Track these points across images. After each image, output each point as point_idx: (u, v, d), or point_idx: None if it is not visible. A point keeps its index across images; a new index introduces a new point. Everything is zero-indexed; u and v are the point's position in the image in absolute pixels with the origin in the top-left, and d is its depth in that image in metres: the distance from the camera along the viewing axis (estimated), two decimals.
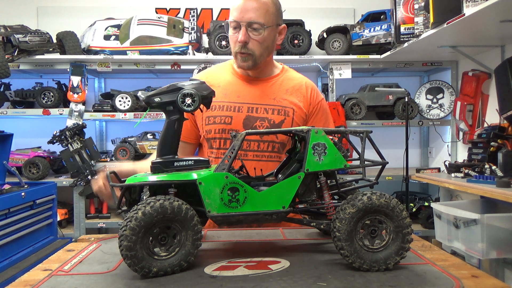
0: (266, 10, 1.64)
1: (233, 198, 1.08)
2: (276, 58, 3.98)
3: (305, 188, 1.16)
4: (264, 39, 1.67)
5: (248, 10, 1.62)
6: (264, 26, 1.65)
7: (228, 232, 1.48)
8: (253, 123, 1.70)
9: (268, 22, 1.66)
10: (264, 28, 1.65)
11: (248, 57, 1.69)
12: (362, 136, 1.16)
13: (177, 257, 1.04)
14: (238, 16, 1.64)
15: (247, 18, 1.63)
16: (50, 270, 1.10)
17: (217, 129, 1.72)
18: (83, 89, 3.87)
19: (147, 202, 1.01)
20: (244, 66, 1.73)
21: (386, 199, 1.05)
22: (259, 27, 1.64)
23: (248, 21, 1.63)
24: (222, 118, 1.72)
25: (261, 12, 1.63)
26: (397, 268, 1.06)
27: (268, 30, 1.67)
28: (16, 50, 3.57)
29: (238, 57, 1.71)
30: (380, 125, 4.03)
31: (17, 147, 3.89)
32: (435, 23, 2.83)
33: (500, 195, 2.38)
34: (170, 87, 1.15)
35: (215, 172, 1.08)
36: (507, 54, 3.20)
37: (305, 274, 1.02)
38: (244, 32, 1.64)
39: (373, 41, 3.92)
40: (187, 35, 3.92)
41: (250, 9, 1.62)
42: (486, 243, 2.40)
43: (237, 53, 1.71)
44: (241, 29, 1.64)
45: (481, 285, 0.98)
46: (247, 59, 1.70)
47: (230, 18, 1.68)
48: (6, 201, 2.50)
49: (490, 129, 3.02)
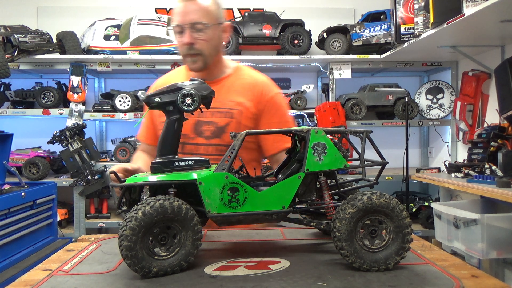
0: (206, 10, 1.67)
1: (233, 198, 1.08)
2: (276, 58, 4.03)
3: (305, 188, 1.16)
4: (209, 38, 1.69)
5: (189, 12, 1.65)
6: (207, 25, 1.67)
7: (228, 232, 1.48)
8: (201, 128, 1.72)
9: (210, 21, 1.68)
10: (208, 27, 1.67)
11: (197, 58, 1.70)
12: (362, 136, 1.16)
13: (177, 257, 1.04)
14: (181, 20, 1.66)
15: (189, 20, 1.65)
16: (50, 270, 1.10)
17: None
18: (83, 89, 3.87)
19: (147, 202, 1.01)
20: (195, 68, 1.74)
21: (386, 199, 1.05)
22: (203, 27, 1.66)
23: (190, 23, 1.65)
24: None
25: (202, 13, 1.66)
26: (397, 268, 1.06)
27: (212, 29, 1.69)
28: (16, 50, 3.57)
29: (188, 59, 1.73)
30: (380, 125, 4.03)
31: (17, 147, 3.89)
32: (435, 23, 2.83)
33: (500, 195, 2.38)
34: (170, 87, 1.15)
35: (215, 172, 1.08)
36: (507, 54, 3.20)
37: (305, 274, 1.02)
38: (188, 34, 1.66)
39: (373, 41, 3.92)
40: None
41: (191, 11, 1.65)
42: (486, 243, 2.40)
43: (185, 56, 1.72)
44: (185, 32, 1.66)
45: (481, 285, 0.98)
46: (196, 60, 1.71)
47: (173, 24, 1.70)
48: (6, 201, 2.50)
49: (490, 129, 3.02)
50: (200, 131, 1.71)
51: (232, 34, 3.93)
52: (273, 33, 4.00)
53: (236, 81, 1.80)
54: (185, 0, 1.66)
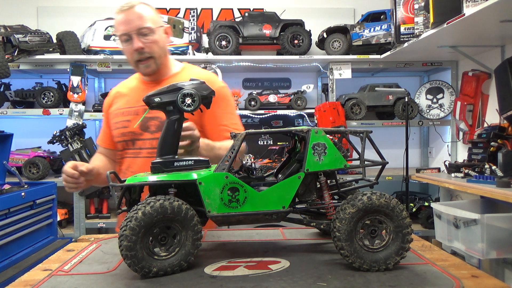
0: (147, 16, 1.77)
1: (233, 198, 1.08)
2: (276, 58, 4.03)
3: (305, 188, 1.16)
4: (157, 41, 1.78)
5: (132, 20, 1.73)
6: (152, 28, 1.76)
7: (228, 232, 1.48)
8: (147, 123, 1.78)
9: (153, 24, 1.77)
10: (153, 30, 1.76)
11: (149, 61, 1.78)
12: (362, 136, 1.16)
13: (177, 257, 1.04)
14: (126, 28, 1.74)
15: (135, 26, 1.73)
16: (50, 270, 1.10)
17: (119, 133, 1.85)
18: (83, 89, 3.87)
19: (147, 202, 1.01)
20: (148, 72, 1.81)
21: (386, 199, 1.05)
22: (148, 31, 1.75)
23: (137, 28, 1.73)
24: (121, 123, 1.84)
25: (145, 19, 1.75)
26: (397, 268, 1.06)
27: (156, 32, 1.78)
28: (16, 50, 3.58)
29: (140, 66, 1.79)
30: (380, 125, 4.03)
31: (17, 147, 3.89)
32: (435, 23, 2.83)
33: (500, 195, 2.38)
34: (170, 87, 1.15)
35: (215, 172, 1.08)
36: (507, 54, 3.20)
37: (305, 274, 1.02)
38: (136, 39, 1.73)
39: (373, 41, 3.92)
40: (187, 35, 3.92)
41: (134, 19, 1.73)
42: (486, 243, 2.40)
43: (137, 62, 1.78)
44: (133, 38, 1.74)
45: (481, 285, 0.98)
46: (149, 64, 1.78)
47: (118, 33, 1.78)
48: (6, 201, 2.50)
49: (490, 129, 3.02)
50: (146, 126, 1.78)
51: (232, 34, 3.94)
52: (273, 33, 4.00)
53: (181, 78, 1.85)
54: (125, 10, 1.74)
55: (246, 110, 4.02)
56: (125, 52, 1.81)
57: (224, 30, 3.93)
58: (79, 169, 1.64)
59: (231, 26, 3.97)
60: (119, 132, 1.85)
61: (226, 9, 4.50)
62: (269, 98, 4.05)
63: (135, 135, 1.80)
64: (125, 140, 1.83)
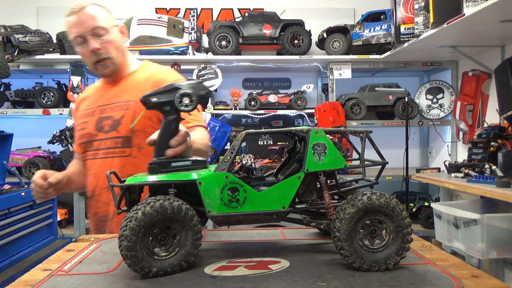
0: (100, 16, 1.73)
1: (233, 198, 1.08)
2: (276, 58, 4.03)
3: (305, 188, 1.16)
4: (112, 41, 1.74)
5: (85, 21, 1.69)
6: (106, 28, 1.72)
7: (228, 232, 1.48)
8: (101, 123, 1.77)
9: (107, 24, 1.74)
10: (107, 30, 1.72)
11: (107, 62, 1.75)
12: (362, 136, 1.16)
13: (177, 257, 1.04)
14: (80, 30, 1.69)
15: (89, 27, 1.69)
16: (50, 270, 1.10)
17: (78, 136, 1.86)
18: (83, 89, 3.87)
19: (147, 202, 1.01)
20: (107, 73, 1.79)
21: (386, 199, 1.05)
22: (103, 31, 1.71)
23: (90, 29, 1.69)
24: (80, 125, 1.85)
25: (97, 19, 1.71)
26: (397, 268, 1.06)
27: (111, 32, 1.74)
28: (16, 50, 3.58)
29: (98, 67, 1.76)
30: (380, 125, 4.03)
31: (17, 147, 3.89)
32: (435, 23, 2.83)
33: (500, 195, 2.38)
34: (167, 87, 1.15)
35: (215, 172, 1.08)
36: (507, 54, 3.20)
37: (305, 274, 1.02)
38: (92, 40, 1.70)
39: (373, 41, 3.92)
40: (187, 35, 3.92)
41: (87, 19, 1.70)
42: (486, 243, 2.40)
43: (95, 64, 1.75)
44: (88, 39, 1.70)
45: (481, 285, 0.98)
46: (107, 65, 1.76)
47: (71, 36, 1.73)
48: (6, 201, 2.50)
49: (490, 129, 3.02)
50: (101, 126, 1.77)
51: (232, 34, 3.94)
52: (273, 33, 4.00)
53: (138, 75, 1.84)
54: (76, 12, 1.70)
55: (246, 110, 4.03)
56: (82, 55, 1.77)
57: (224, 30, 3.93)
58: (47, 180, 1.64)
59: (231, 26, 3.97)
60: (78, 135, 1.85)
61: (226, 9, 4.50)
62: (269, 98, 4.06)
63: (91, 136, 1.79)
64: (84, 141, 1.82)
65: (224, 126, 3.74)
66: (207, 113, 3.92)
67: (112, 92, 1.82)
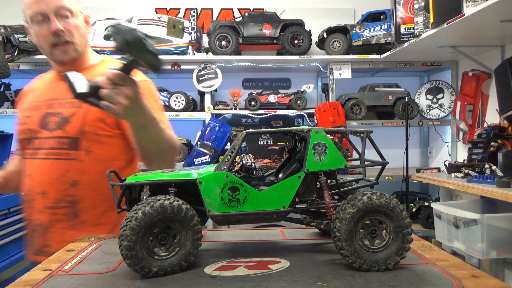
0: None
1: (233, 197, 1.08)
2: (276, 58, 4.03)
3: (305, 188, 1.16)
4: (78, 26, 1.58)
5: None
6: (73, 11, 1.56)
7: (228, 232, 1.48)
8: (47, 119, 1.60)
9: (74, 7, 1.58)
10: (74, 14, 1.56)
11: (68, 47, 1.57)
12: (363, 136, 1.16)
13: (177, 257, 1.04)
14: (41, 7, 1.49)
15: (52, 6, 1.50)
16: (50, 270, 1.10)
17: (18, 131, 1.68)
18: None
19: (147, 202, 1.01)
20: (66, 59, 1.59)
21: (386, 199, 1.05)
22: (69, 14, 1.54)
23: (55, 8, 1.50)
24: (22, 119, 1.67)
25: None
26: (397, 268, 1.06)
27: (77, 17, 1.59)
28: (16, 50, 3.58)
29: (56, 51, 1.56)
30: (380, 125, 4.03)
31: None
32: (435, 23, 2.83)
33: (500, 195, 2.38)
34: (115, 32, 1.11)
35: (215, 171, 1.08)
36: (507, 54, 3.20)
37: (305, 274, 1.02)
38: (55, 20, 1.50)
39: (373, 41, 3.92)
40: (187, 35, 3.92)
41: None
42: (486, 243, 2.40)
43: (53, 46, 1.55)
44: (51, 19, 1.50)
45: (481, 285, 0.98)
46: (68, 51, 1.57)
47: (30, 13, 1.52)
48: (6, 201, 2.50)
49: (490, 129, 3.02)
50: (45, 123, 1.59)
51: (232, 34, 3.94)
52: (273, 33, 4.00)
53: (98, 70, 1.64)
54: None
55: (246, 110, 4.03)
56: (37, 36, 1.55)
57: (224, 30, 3.93)
58: None
59: (231, 26, 3.97)
60: (18, 130, 1.67)
61: (226, 9, 4.50)
62: (269, 98, 4.06)
63: (33, 133, 1.61)
64: (23, 138, 1.64)
65: (224, 126, 3.74)
66: (207, 113, 3.92)
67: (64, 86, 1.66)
